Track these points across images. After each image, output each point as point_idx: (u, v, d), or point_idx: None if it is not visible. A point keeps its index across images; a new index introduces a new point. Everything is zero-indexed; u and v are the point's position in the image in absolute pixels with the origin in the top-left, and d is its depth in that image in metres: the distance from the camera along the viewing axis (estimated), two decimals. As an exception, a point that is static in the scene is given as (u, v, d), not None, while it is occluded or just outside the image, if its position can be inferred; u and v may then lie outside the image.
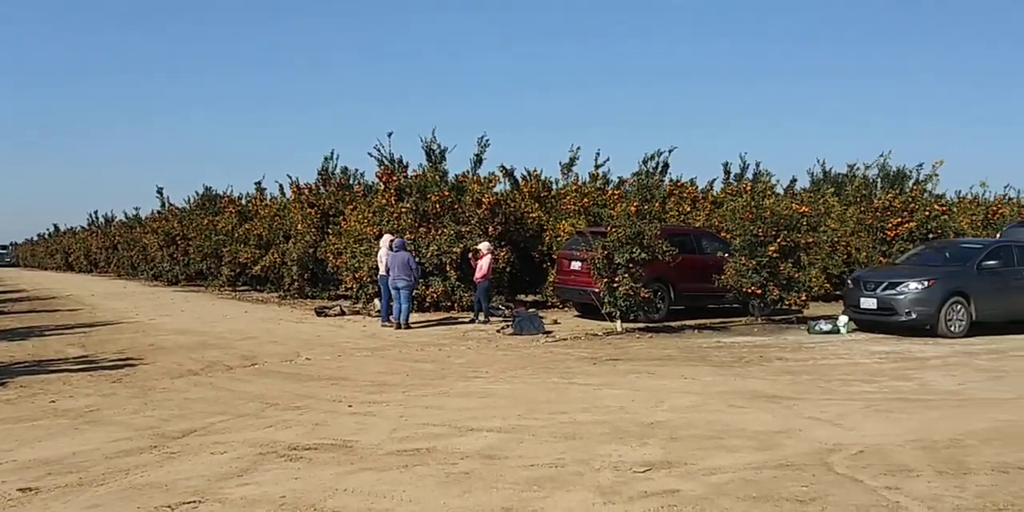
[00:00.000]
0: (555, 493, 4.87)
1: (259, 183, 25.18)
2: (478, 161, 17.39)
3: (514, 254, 16.64)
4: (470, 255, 15.13)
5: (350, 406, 7.54)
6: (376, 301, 15.62)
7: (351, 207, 18.56)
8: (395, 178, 16.76)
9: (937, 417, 7.10)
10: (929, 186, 19.58)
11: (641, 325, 13.96)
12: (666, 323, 14.37)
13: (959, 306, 13.51)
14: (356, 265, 16.06)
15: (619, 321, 13.55)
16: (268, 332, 13.28)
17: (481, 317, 14.50)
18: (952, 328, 13.40)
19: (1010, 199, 22.55)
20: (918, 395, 8.18)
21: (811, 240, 15.08)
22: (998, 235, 17.30)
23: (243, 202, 25.36)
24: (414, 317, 14.20)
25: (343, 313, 15.87)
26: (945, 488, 4.99)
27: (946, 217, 18.82)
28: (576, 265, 14.76)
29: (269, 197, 24.65)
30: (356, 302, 16.79)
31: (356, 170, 21.87)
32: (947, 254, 14.96)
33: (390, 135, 16.96)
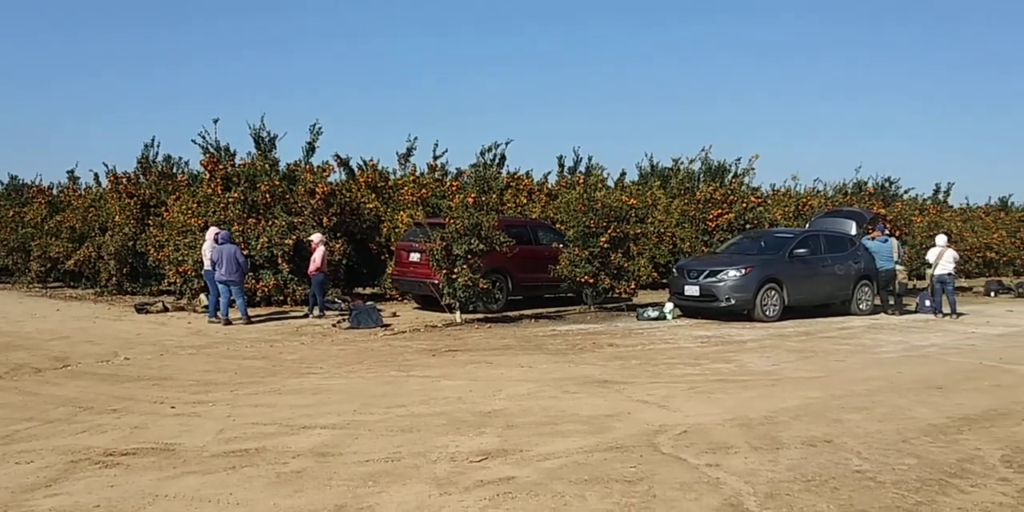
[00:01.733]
0: (390, 487, 4.80)
1: (72, 172, 23.40)
2: (311, 149, 16.89)
3: (350, 246, 16.31)
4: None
5: (173, 407, 7.13)
6: (202, 296, 14.88)
7: (174, 197, 17.55)
8: (221, 167, 15.99)
9: (753, 396, 7.56)
10: (746, 179, 20.86)
11: (480, 316, 14.06)
12: (505, 313, 14.55)
13: (773, 292, 14.48)
14: (180, 259, 15.20)
15: (458, 312, 13.59)
16: (83, 331, 12.36)
17: (316, 311, 14.12)
18: (767, 312, 14.34)
19: (818, 192, 24.31)
20: (736, 376, 8.69)
21: (639, 231, 15.71)
22: (807, 225, 18.64)
23: (54, 192, 23.48)
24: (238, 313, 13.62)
25: (166, 310, 15.01)
26: (760, 463, 5.31)
27: (761, 209, 20.08)
28: (415, 257, 14.65)
29: (84, 186, 22.95)
30: (180, 298, 15.92)
31: (180, 158, 20.73)
32: (762, 243, 15.98)
33: (216, 121, 16.18)
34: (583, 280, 14.91)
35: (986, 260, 26.48)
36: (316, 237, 14.34)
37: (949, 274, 16.12)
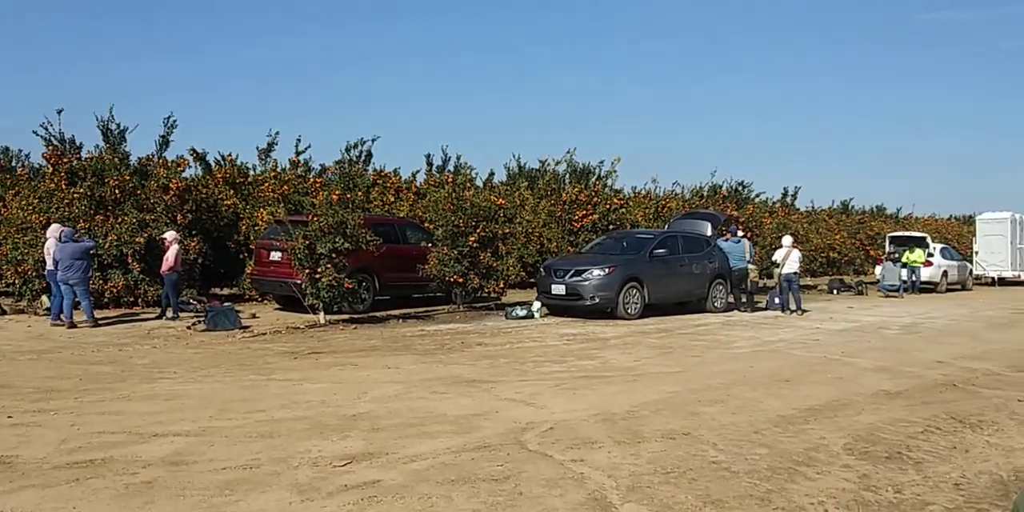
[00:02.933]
0: (249, 495, 4.60)
1: None
2: (164, 143, 16.06)
3: (206, 244, 15.63)
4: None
5: (10, 417, 6.59)
6: (44, 298, 13.90)
7: (13, 192, 16.34)
8: (66, 160, 14.99)
9: (616, 391, 7.74)
10: (609, 181, 21.42)
11: (345, 316, 13.78)
12: (371, 314, 14.31)
13: (635, 290, 14.92)
14: (19, 258, 14.13)
15: (322, 313, 13.26)
16: (-97, 337, 11.30)
17: (169, 313, 13.45)
18: (629, 310, 14.75)
19: (676, 194, 25.27)
20: (600, 372, 8.87)
21: (508, 231, 15.85)
22: (666, 226, 19.31)
23: None
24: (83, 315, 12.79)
25: (3, 312, 13.94)
26: (623, 456, 5.43)
27: (624, 210, 20.68)
28: (276, 255, 14.21)
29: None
30: (20, 299, 14.82)
31: (20, 151, 19.34)
32: (624, 244, 16.45)
33: (60, 112, 15.14)
34: (452, 279, 14.88)
35: (829, 260, 28.25)
36: (169, 235, 13.67)
37: (795, 273, 17.10)
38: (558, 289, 14.87)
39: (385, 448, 5.63)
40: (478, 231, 14.93)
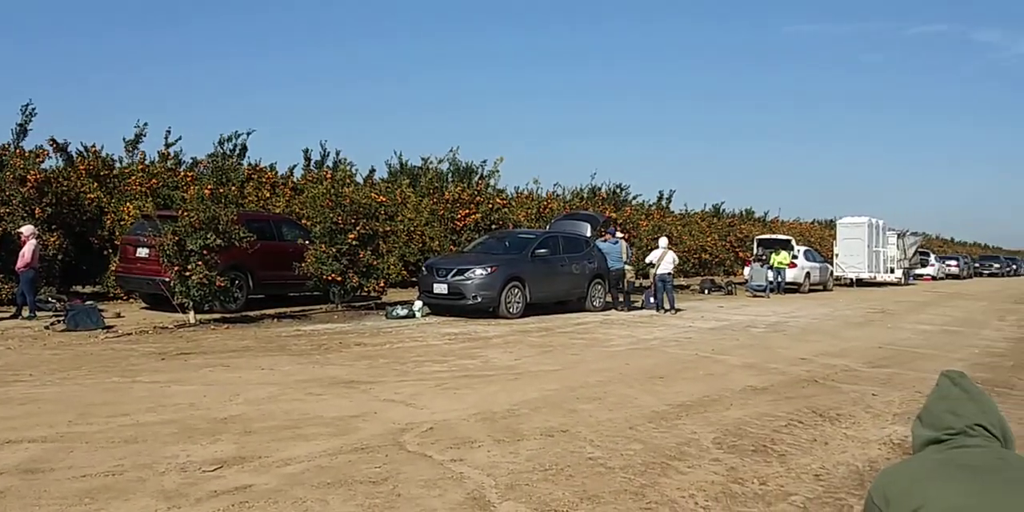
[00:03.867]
0: (111, 504, 4.35)
1: None
2: (22, 132, 15.08)
3: (67, 239, 14.75)
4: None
5: None
6: None
7: None
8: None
9: (497, 390, 7.76)
10: (492, 181, 21.50)
11: (217, 316, 13.27)
12: (244, 313, 13.85)
13: (516, 290, 15.03)
14: None
15: (192, 312, 12.72)
16: None
17: (26, 312, 12.62)
18: (511, 309, 14.85)
19: (557, 195, 25.66)
20: (481, 372, 8.89)
21: (389, 229, 15.66)
22: (547, 227, 19.56)
23: None
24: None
25: None
26: (502, 455, 5.44)
27: (506, 210, 20.81)
28: (143, 252, 13.55)
29: None
30: None
31: None
32: (507, 243, 16.56)
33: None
34: (330, 278, 14.58)
35: (701, 261, 29.33)
36: (26, 229, 12.82)
37: (669, 273, 17.65)
38: (440, 288, 14.82)
39: (258, 452, 5.45)
40: (358, 228, 14.68)
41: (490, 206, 19.78)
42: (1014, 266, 67.61)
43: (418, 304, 14.90)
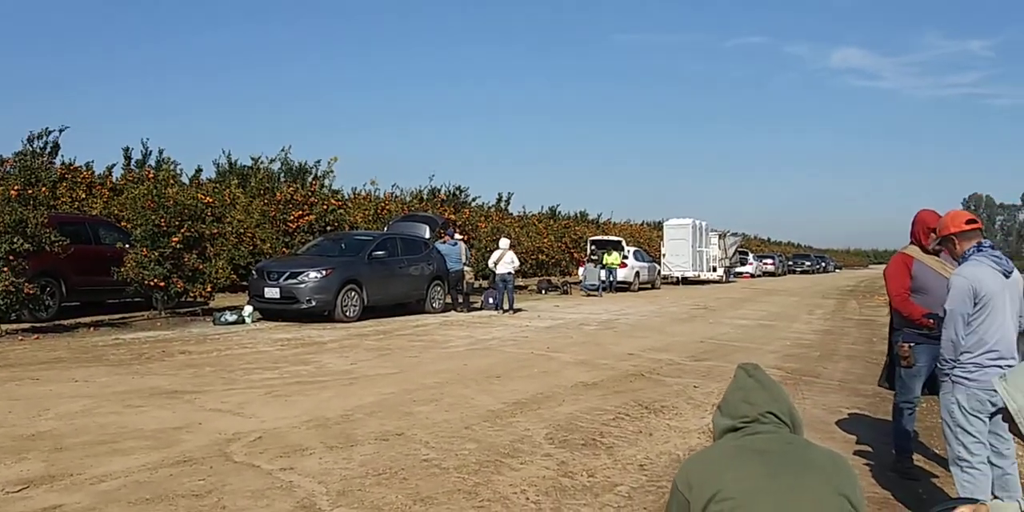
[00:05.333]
0: None
1: None
2: None
3: None
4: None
5: None
6: None
7: None
8: None
9: (331, 396, 7.60)
10: (327, 181, 21.07)
11: (26, 325, 12.26)
12: (57, 322, 12.87)
13: (353, 293, 14.79)
14: None
15: (-4, 322, 11.69)
16: None
17: None
18: (348, 313, 14.60)
19: (396, 197, 25.50)
20: (315, 377, 8.68)
21: (216, 231, 14.98)
22: (385, 229, 19.38)
23: None
24: None
25: None
26: (335, 461, 5.34)
27: (342, 211, 20.43)
28: (-64, 258, 12.31)
29: None
30: None
31: None
32: (343, 245, 16.26)
33: None
34: (152, 283, 13.79)
35: (539, 262, 29.93)
36: None
37: (509, 273, 17.93)
38: (272, 292, 14.35)
39: (69, 469, 5.07)
40: (182, 231, 13.97)
41: (325, 207, 19.35)
42: (823, 264, 73.50)
43: (248, 309, 14.37)
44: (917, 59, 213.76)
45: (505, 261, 17.91)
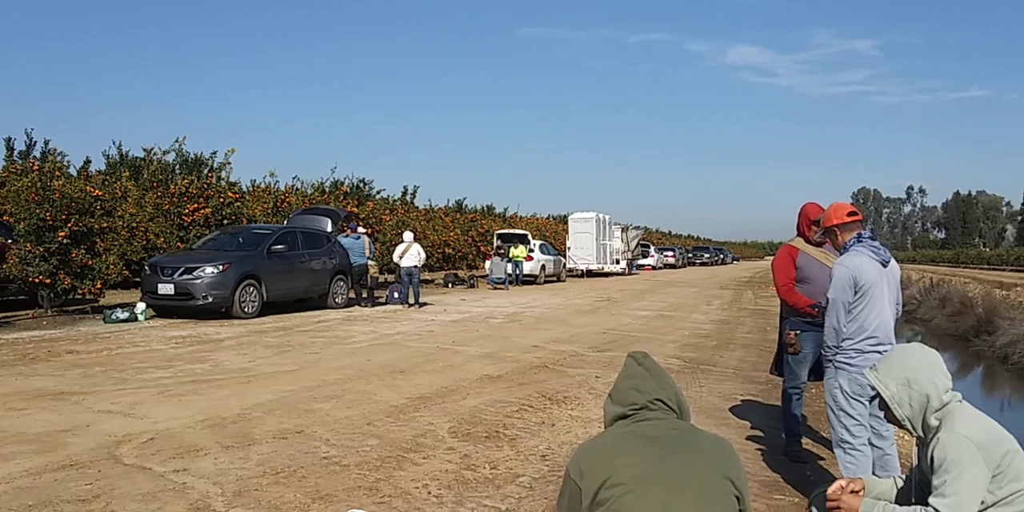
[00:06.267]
0: None
1: None
2: None
3: None
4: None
5: None
6: None
7: None
8: None
9: (228, 394, 7.40)
10: (223, 173, 20.46)
11: None
12: (-71, 322, 12.13)
13: (252, 288, 14.42)
14: None
15: None
16: None
17: None
18: (246, 309, 14.23)
19: (297, 189, 24.94)
20: (211, 376, 8.43)
21: (107, 225, 14.37)
22: (285, 222, 18.96)
23: None
24: None
25: None
26: (231, 461, 5.20)
27: (240, 204, 19.88)
28: None
29: None
30: None
31: None
32: (240, 239, 15.82)
33: None
34: (37, 280, 13.13)
35: (445, 255, 29.85)
36: None
37: (416, 267, 17.82)
38: (166, 288, 13.86)
39: (-60, 479, 4.79)
40: (69, 226, 13.34)
41: (222, 200, 18.75)
42: (721, 256, 75.88)
43: (141, 306, 13.84)
44: (810, 57, 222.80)
45: (410, 255, 17.79)
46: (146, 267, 14.68)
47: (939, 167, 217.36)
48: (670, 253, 57.25)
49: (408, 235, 18.64)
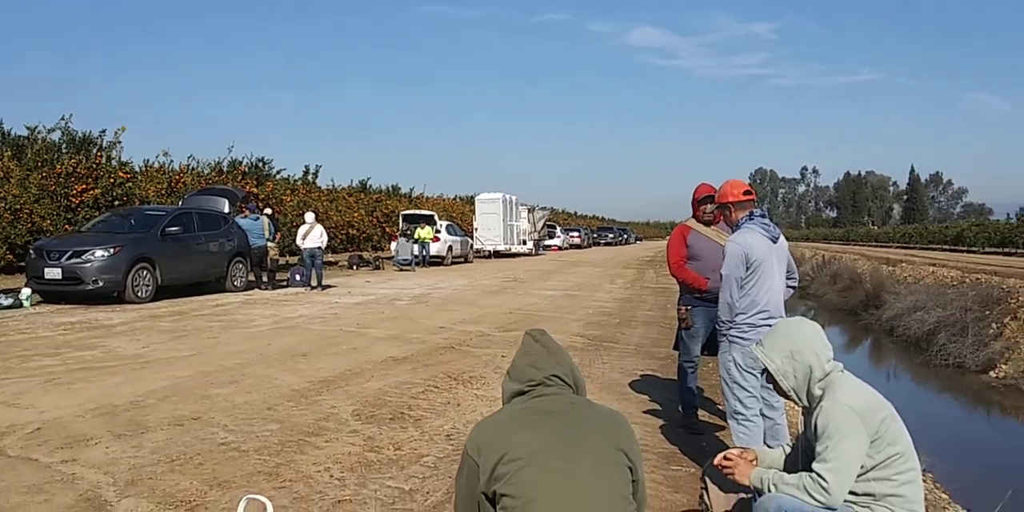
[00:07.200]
0: None
1: None
2: None
3: None
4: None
5: None
6: None
7: None
8: None
9: (120, 382, 7.13)
10: (114, 153, 19.58)
11: None
12: None
13: (145, 272, 13.90)
14: None
15: None
16: None
17: None
18: (139, 293, 13.72)
19: (192, 169, 24.05)
20: (102, 363, 8.10)
21: (-14, 207, 13.58)
22: (180, 203, 18.31)
23: None
24: None
25: None
26: (123, 450, 5.02)
27: (131, 184, 19.08)
28: None
29: None
30: None
31: None
32: (132, 221, 15.20)
33: None
34: (-92, 266, 12.32)
35: (349, 237, 29.44)
36: None
37: (318, 248, 17.51)
38: (53, 273, 13.21)
39: None
40: (-55, 207, 12.57)
41: (112, 180, 17.94)
42: (625, 236, 77.34)
43: (26, 292, 13.17)
44: (710, 40, 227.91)
45: (313, 236, 17.46)
46: (31, 251, 13.96)
47: (832, 149, 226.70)
48: (576, 234, 57.96)
49: (310, 216, 18.28)
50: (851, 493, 2.78)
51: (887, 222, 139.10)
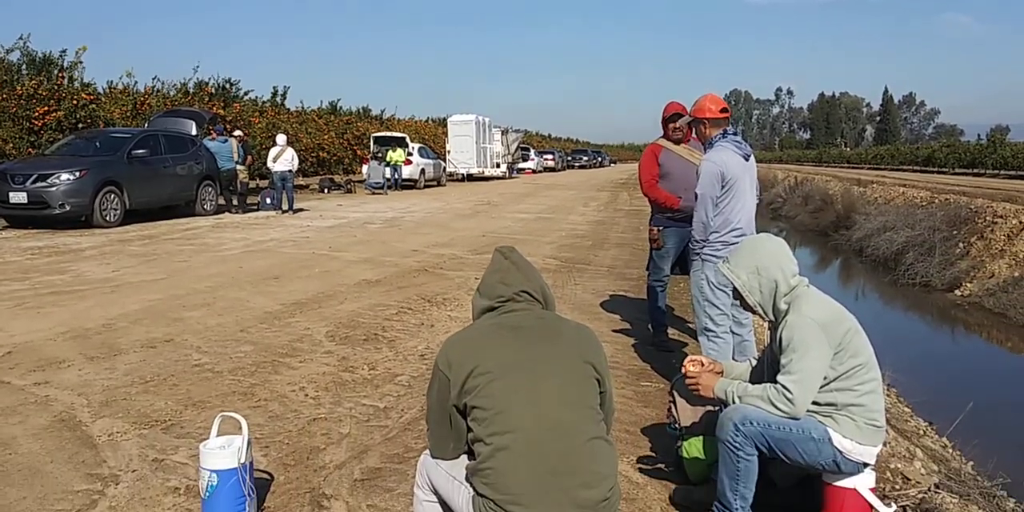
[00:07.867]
0: None
1: None
2: None
3: None
4: None
5: None
6: None
7: None
8: None
9: (91, 305, 7.09)
10: (76, 74, 18.97)
11: None
12: None
13: (113, 195, 13.68)
14: None
15: None
16: None
17: None
18: (108, 217, 13.53)
19: (157, 90, 23.41)
20: (72, 287, 8.03)
21: (-58, 129, 13.18)
22: (147, 125, 17.88)
23: None
24: None
25: None
26: (96, 372, 5.02)
27: (95, 106, 18.57)
28: None
29: None
30: None
31: None
32: (98, 144, 14.86)
33: None
34: None
35: (319, 159, 29.03)
36: None
37: (289, 171, 17.27)
38: (18, 197, 12.95)
39: None
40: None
41: (75, 102, 17.44)
42: (599, 159, 76.99)
43: (-7, 217, 12.95)
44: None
45: (284, 159, 17.18)
46: (-5, 176, 13.64)
47: (806, 69, 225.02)
48: (550, 156, 57.55)
49: (282, 138, 17.95)
50: (814, 403, 2.85)
51: (860, 143, 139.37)
